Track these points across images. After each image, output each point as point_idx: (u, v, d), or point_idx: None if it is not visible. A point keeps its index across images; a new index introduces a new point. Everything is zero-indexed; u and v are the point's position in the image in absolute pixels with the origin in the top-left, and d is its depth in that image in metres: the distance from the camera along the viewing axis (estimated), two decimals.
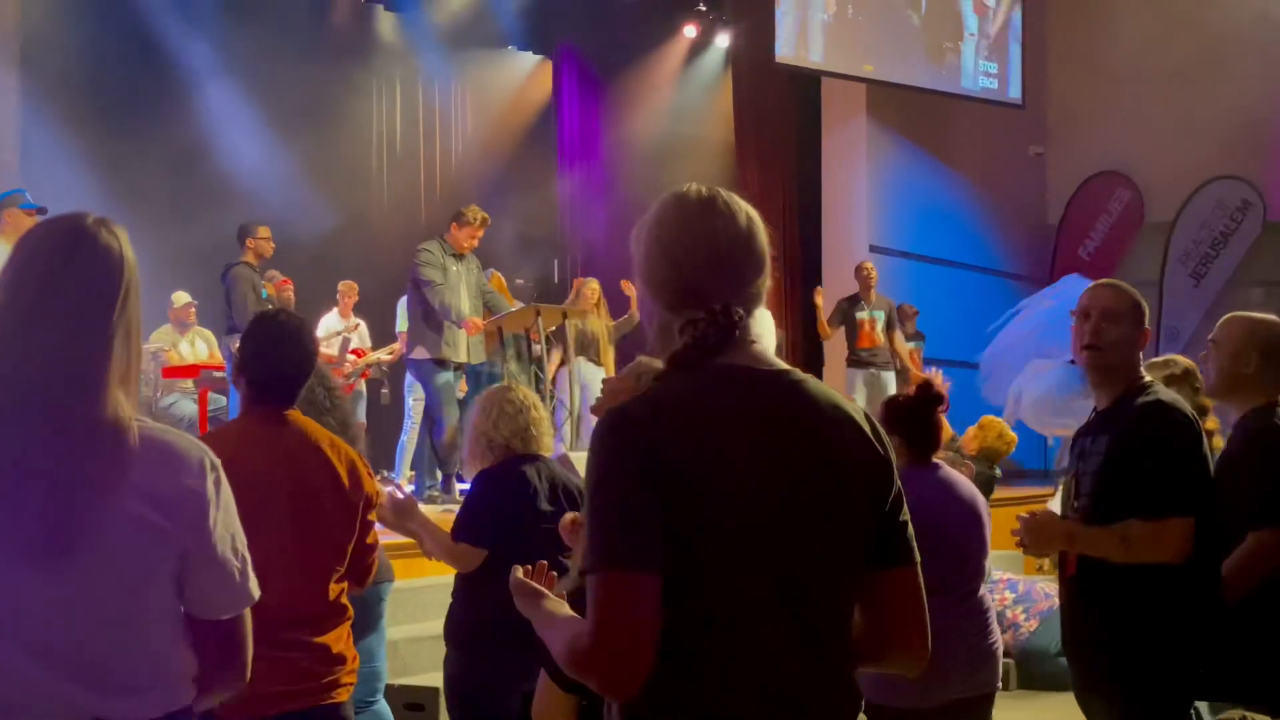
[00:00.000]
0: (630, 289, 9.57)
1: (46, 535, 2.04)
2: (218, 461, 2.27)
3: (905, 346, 12.72)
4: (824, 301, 12.78)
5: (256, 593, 2.31)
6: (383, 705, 5.35)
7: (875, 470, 2.15)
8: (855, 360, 12.49)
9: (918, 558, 2.19)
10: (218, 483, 2.26)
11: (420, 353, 9.49)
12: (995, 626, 4.53)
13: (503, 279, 10.67)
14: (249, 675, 2.34)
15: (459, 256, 9.50)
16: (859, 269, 12.66)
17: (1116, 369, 3.73)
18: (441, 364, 9.40)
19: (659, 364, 3.85)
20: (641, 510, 1.98)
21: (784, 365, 2.18)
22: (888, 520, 2.16)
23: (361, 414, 11.63)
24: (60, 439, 2.07)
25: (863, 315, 12.48)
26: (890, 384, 12.18)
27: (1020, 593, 7.99)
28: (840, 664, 2.13)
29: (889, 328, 12.50)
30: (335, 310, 12.03)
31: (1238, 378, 4.14)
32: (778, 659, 2.04)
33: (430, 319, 9.36)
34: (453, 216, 9.72)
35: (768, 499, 2.04)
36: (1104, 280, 3.96)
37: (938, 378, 7.11)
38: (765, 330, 11.29)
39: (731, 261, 2.16)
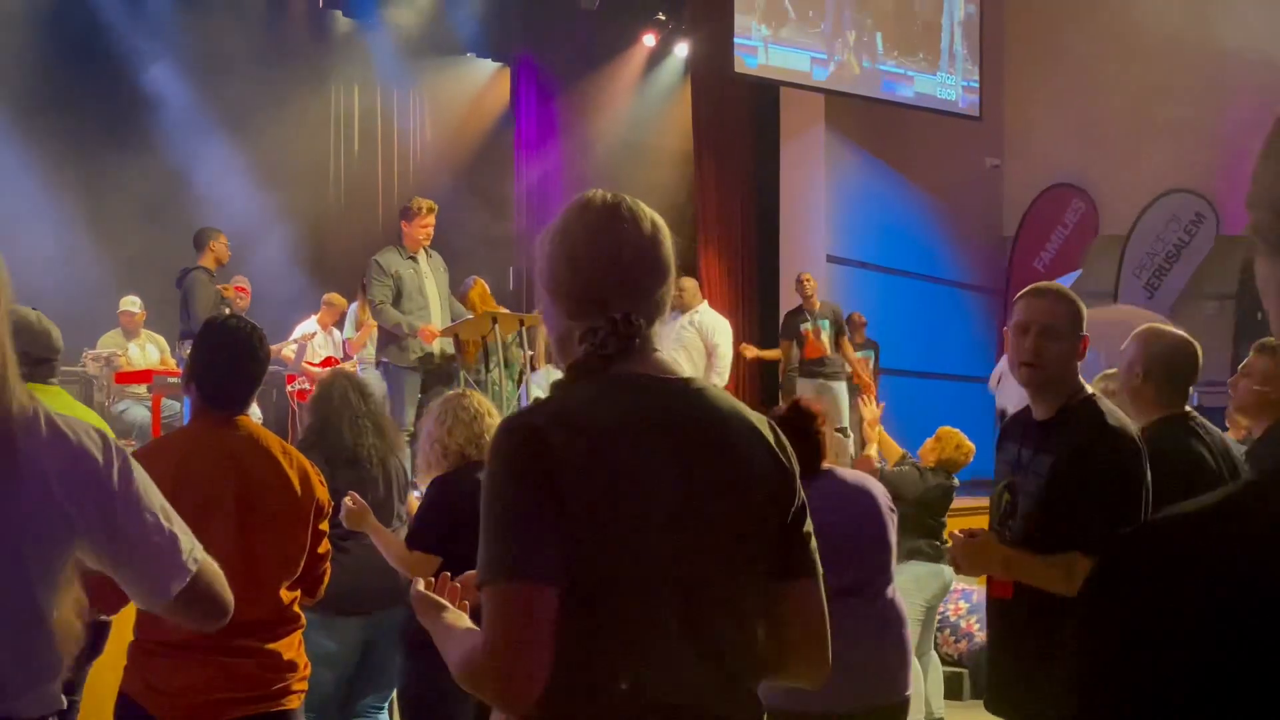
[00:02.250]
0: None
1: None
2: (120, 445, 2.24)
3: (854, 355, 12.70)
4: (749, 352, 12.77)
5: (194, 565, 2.27)
6: (384, 715, 5.37)
7: (778, 481, 2.13)
8: (804, 371, 12.47)
9: (819, 570, 2.17)
10: (125, 463, 2.22)
11: (392, 355, 9.48)
12: (907, 631, 4.56)
13: (486, 286, 10.62)
14: (230, 613, 2.33)
15: (414, 258, 9.45)
16: (797, 280, 12.65)
17: (1056, 382, 3.63)
18: (411, 368, 9.39)
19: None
20: (538, 520, 1.95)
21: (686, 374, 2.16)
22: (790, 532, 2.14)
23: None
24: None
25: (806, 326, 12.44)
26: (841, 393, 12.16)
27: (974, 603, 8.02)
28: (741, 676, 2.10)
29: (838, 335, 12.48)
30: (314, 318, 11.93)
31: (1131, 391, 4.16)
32: (677, 672, 2.01)
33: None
34: (400, 214, 9.66)
35: (667, 509, 2.01)
36: (1040, 286, 3.78)
37: (874, 411, 7.17)
38: (721, 338, 11.34)
39: (633, 270, 2.13)
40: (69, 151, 12.08)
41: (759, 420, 2.16)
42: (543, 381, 10.62)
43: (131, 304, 11.20)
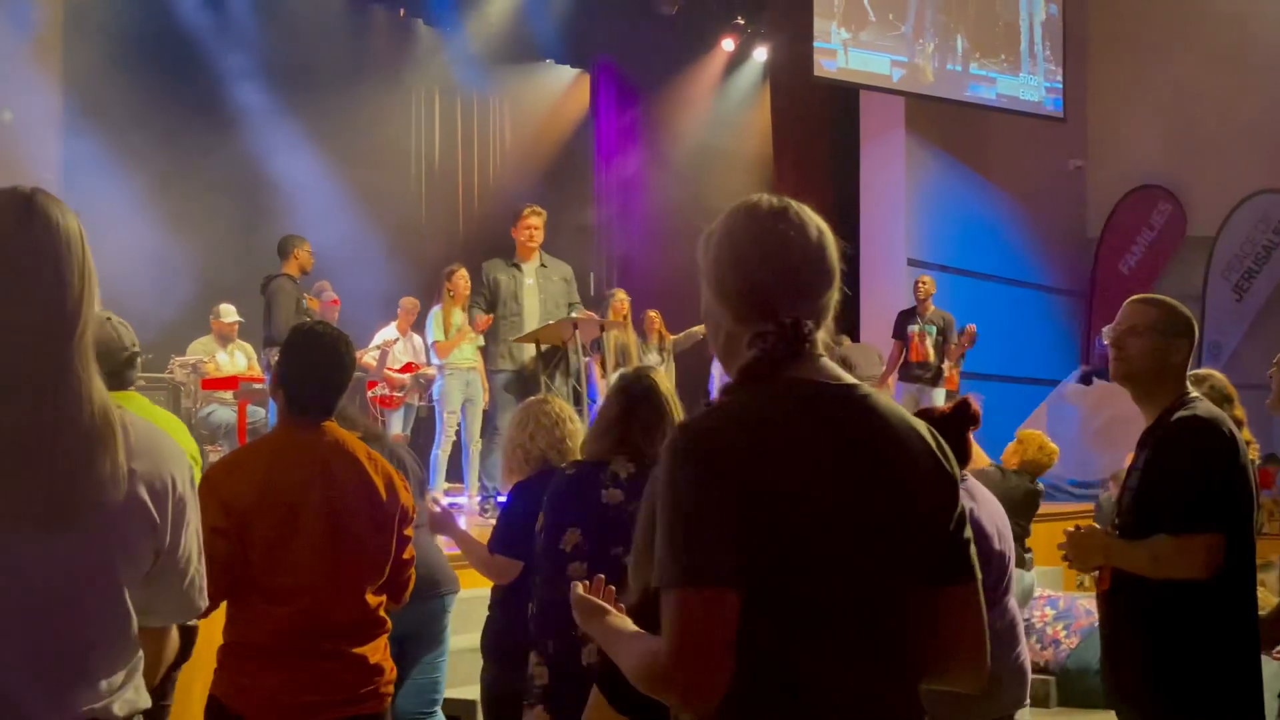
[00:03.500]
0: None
1: (51, 505, 2.01)
2: (196, 462, 2.28)
3: (956, 364, 12.62)
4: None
5: (203, 606, 2.31)
6: (440, 717, 5.37)
7: (942, 486, 2.13)
8: (904, 374, 12.44)
9: (979, 574, 2.17)
10: (192, 485, 2.25)
11: (489, 360, 9.70)
12: (1023, 641, 4.51)
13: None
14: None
15: (518, 265, 9.63)
16: (916, 282, 12.67)
17: (1145, 381, 3.71)
18: (500, 372, 9.56)
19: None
20: (716, 525, 1.95)
21: (852, 380, 2.15)
22: (953, 537, 2.13)
23: (401, 427, 11.69)
24: (55, 416, 2.03)
25: (914, 328, 12.43)
26: (938, 401, 12.07)
27: (1061, 609, 7.93)
28: (910, 681, 2.11)
29: (943, 343, 12.41)
30: (394, 324, 12.06)
31: None
32: (855, 675, 2.02)
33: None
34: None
35: (842, 514, 2.02)
36: (1137, 296, 3.92)
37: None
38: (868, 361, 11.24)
39: (803, 274, 2.14)
40: (158, 161, 12.26)
41: (923, 426, 2.16)
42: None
43: (229, 312, 11.36)
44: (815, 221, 2.19)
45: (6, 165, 11.97)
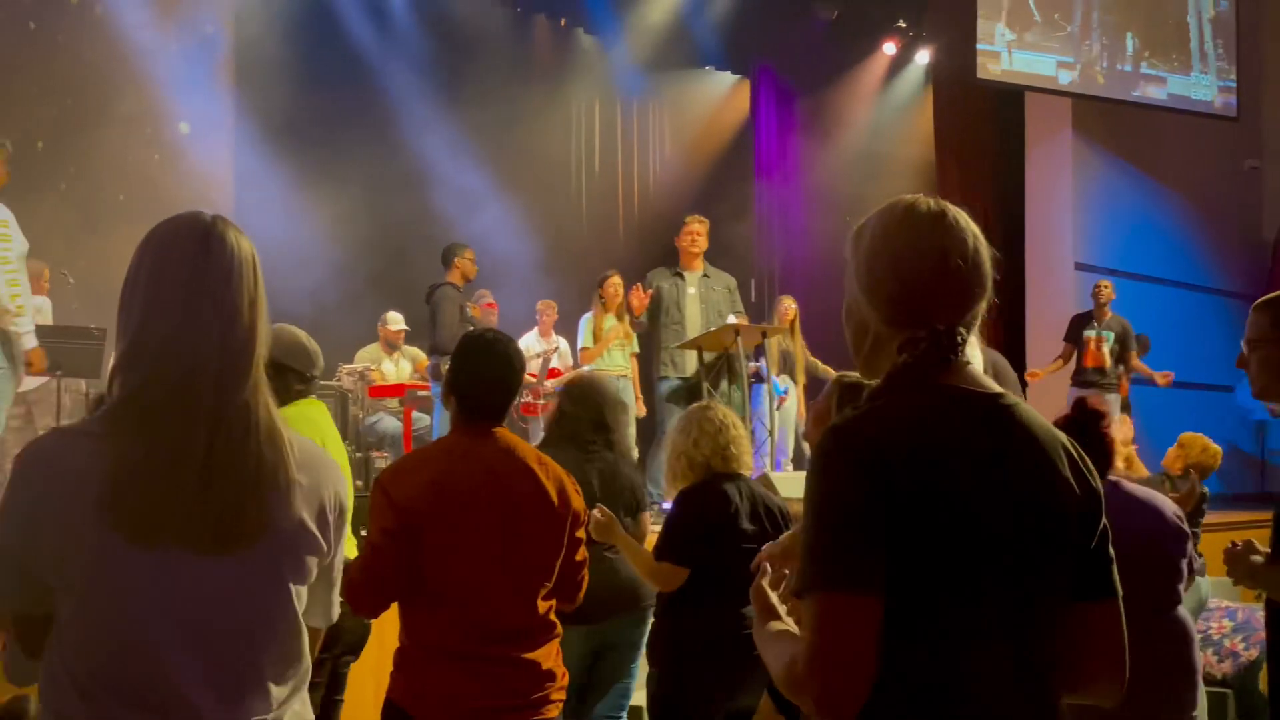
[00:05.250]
0: None
1: (224, 526, 2.07)
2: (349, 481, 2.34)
3: (1142, 368, 12.36)
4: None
5: (336, 615, 2.36)
6: None
7: (1086, 501, 2.08)
8: (1078, 379, 12.18)
9: (1119, 590, 2.12)
10: (345, 499, 2.30)
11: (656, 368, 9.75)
12: (1195, 652, 4.38)
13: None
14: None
15: (681, 274, 9.69)
16: (1095, 286, 12.39)
17: (1275, 395, 3.49)
18: (663, 379, 9.62)
19: (854, 377, 3.82)
20: (863, 530, 1.92)
21: (998, 389, 2.10)
22: (1095, 552, 2.09)
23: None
24: (228, 440, 2.08)
25: (1090, 333, 12.18)
26: (1114, 408, 11.79)
27: (1239, 621, 7.69)
28: (1052, 694, 2.07)
29: (1121, 350, 12.16)
30: (535, 330, 12.16)
31: None
32: (998, 688, 1.99)
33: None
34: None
35: (988, 525, 1.98)
36: (1258, 301, 3.59)
37: (1127, 431, 6.93)
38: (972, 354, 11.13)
39: (960, 282, 2.09)
40: (324, 169, 12.50)
41: (1066, 439, 2.12)
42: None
43: (396, 320, 11.55)
44: (971, 228, 2.14)
45: (183, 174, 12.37)
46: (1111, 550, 2.12)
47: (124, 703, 2.04)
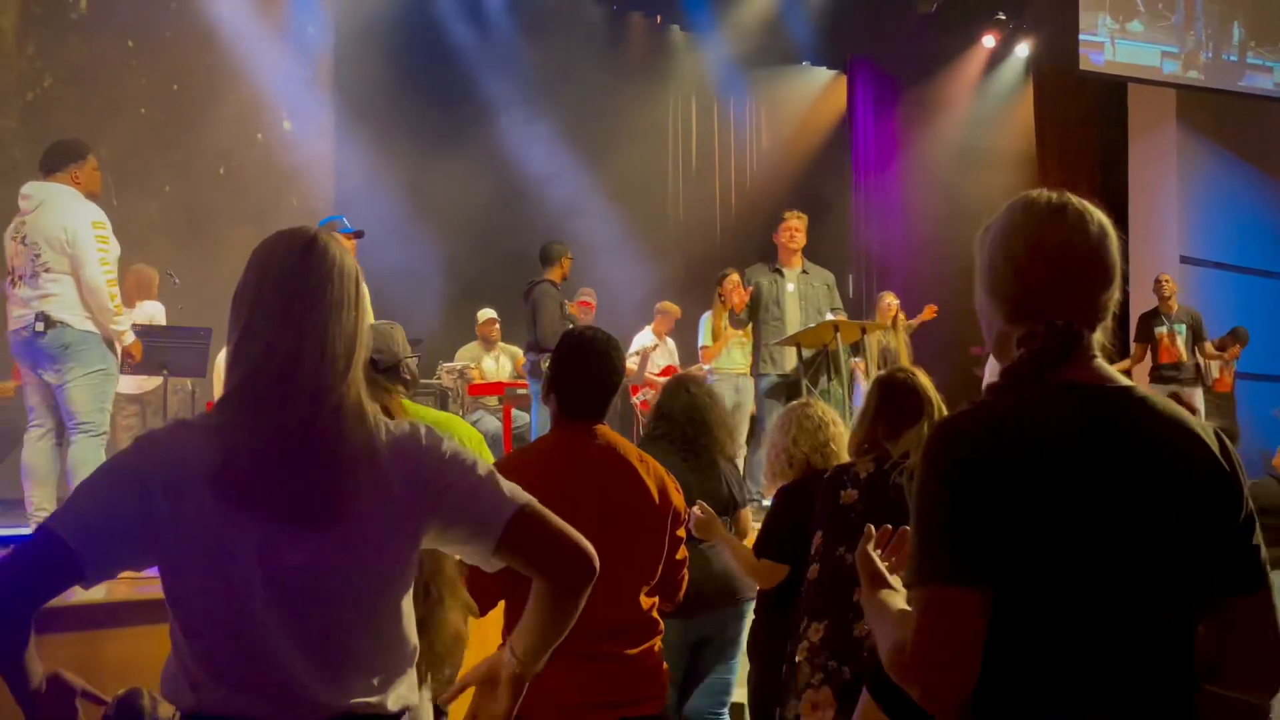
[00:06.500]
0: None
1: (315, 501, 2.16)
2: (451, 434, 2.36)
3: (1213, 359, 12.13)
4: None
5: (522, 499, 2.33)
6: (727, 718, 5.39)
7: (1222, 490, 2.03)
8: (1156, 376, 11.99)
9: (1270, 581, 2.07)
10: (450, 442, 2.33)
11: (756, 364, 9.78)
12: None
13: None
14: (590, 559, 2.37)
15: (780, 270, 9.67)
16: (1155, 282, 12.21)
17: None
18: (764, 376, 9.61)
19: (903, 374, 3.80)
20: (969, 525, 1.93)
21: (1127, 382, 2.09)
22: (1237, 542, 2.04)
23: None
24: (324, 425, 2.18)
25: (1161, 329, 11.99)
26: (1197, 400, 11.61)
27: None
28: (1178, 690, 2.03)
29: (1195, 340, 11.94)
30: (649, 328, 12.17)
31: None
32: (1112, 682, 1.96)
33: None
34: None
35: (1107, 519, 1.96)
36: None
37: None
38: None
39: (1077, 276, 2.09)
40: (421, 167, 12.63)
41: (1202, 428, 2.08)
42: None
43: (485, 314, 11.63)
44: (1097, 218, 2.13)
45: (285, 171, 12.56)
46: (1258, 540, 2.07)
47: (231, 686, 2.13)
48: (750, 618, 5.14)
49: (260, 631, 2.13)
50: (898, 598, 2.16)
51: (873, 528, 2.32)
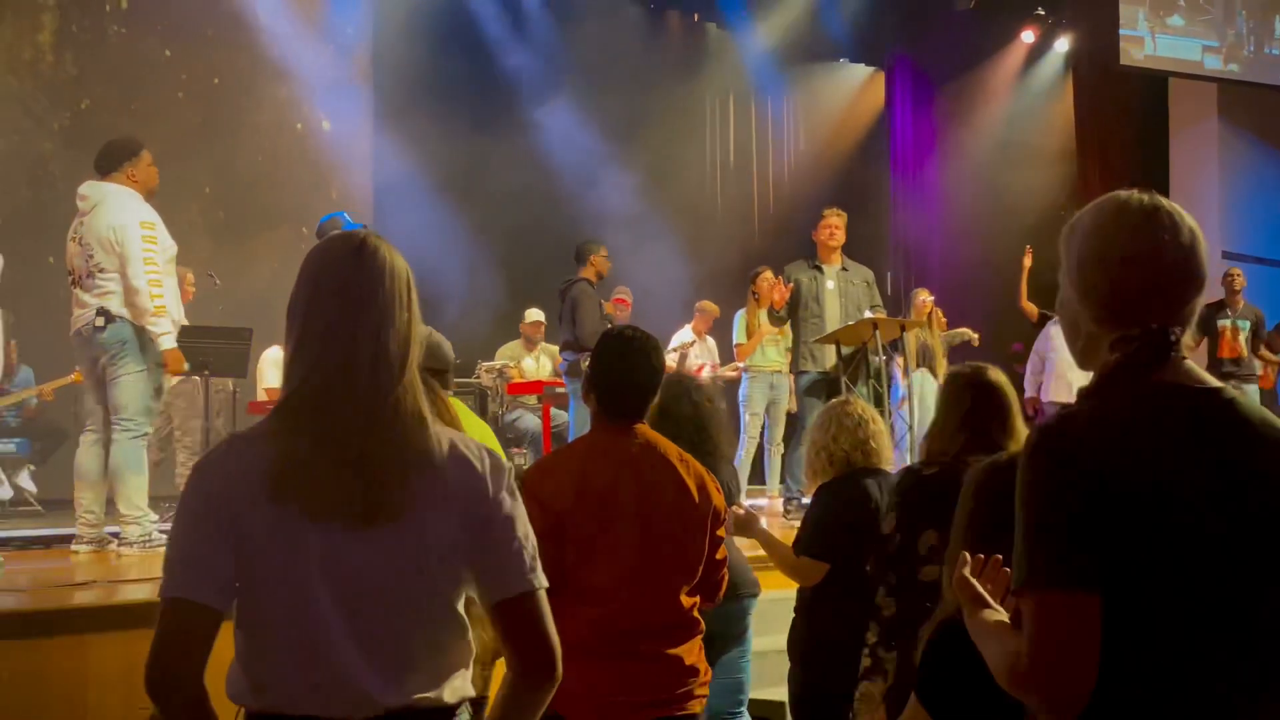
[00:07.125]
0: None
1: (373, 503, 2.19)
2: (508, 463, 2.37)
3: (1271, 363, 12.01)
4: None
5: (543, 583, 2.34)
6: (746, 717, 5.37)
7: None
8: (1215, 372, 11.84)
9: None
10: (511, 485, 2.34)
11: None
12: None
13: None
14: (558, 670, 2.36)
15: (820, 267, 9.64)
16: (1226, 275, 12.07)
17: None
18: (804, 373, 9.59)
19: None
20: (1072, 527, 1.92)
21: (1216, 383, 2.08)
22: None
23: None
24: (379, 426, 2.22)
25: (1225, 323, 11.86)
26: (1253, 399, 11.46)
27: None
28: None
29: (1255, 338, 11.83)
30: (689, 326, 12.16)
31: None
32: (1227, 689, 1.96)
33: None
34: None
35: (1211, 521, 1.95)
36: None
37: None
38: None
39: (1172, 281, 2.08)
40: (458, 165, 12.67)
41: None
42: (921, 387, 10.50)
43: (533, 314, 11.66)
44: (1188, 223, 2.11)
45: (324, 168, 12.62)
46: None
47: (294, 686, 2.18)
48: (752, 614, 5.13)
49: (322, 632, 2.17)
50: (1000, 614, 2.16)
51: (968, 555, 2.31)
